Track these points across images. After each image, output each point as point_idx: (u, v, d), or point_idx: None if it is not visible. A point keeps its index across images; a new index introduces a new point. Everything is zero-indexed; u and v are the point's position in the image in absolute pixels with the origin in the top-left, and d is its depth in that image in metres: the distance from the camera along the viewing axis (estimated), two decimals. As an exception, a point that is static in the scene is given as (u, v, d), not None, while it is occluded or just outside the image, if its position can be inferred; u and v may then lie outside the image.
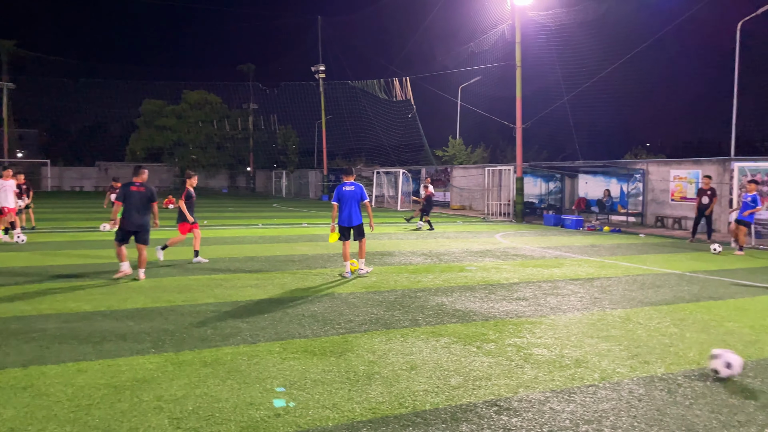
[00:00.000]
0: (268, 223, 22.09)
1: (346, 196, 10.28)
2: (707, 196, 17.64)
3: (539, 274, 11.04)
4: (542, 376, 5.27)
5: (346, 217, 10.30)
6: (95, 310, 7.37)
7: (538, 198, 29.31)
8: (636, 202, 24.34)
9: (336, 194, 10.34)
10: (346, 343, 6.11)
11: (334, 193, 10.37)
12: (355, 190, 10.33)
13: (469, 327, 6.96)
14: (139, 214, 9.54)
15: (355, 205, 10.33)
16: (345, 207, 10.29)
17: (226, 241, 15.61)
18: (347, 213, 10.28)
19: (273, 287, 9.13)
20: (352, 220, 10.30)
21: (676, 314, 7.91)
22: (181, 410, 4.30)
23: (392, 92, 34.41)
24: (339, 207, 10.39)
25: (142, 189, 9.57)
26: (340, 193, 10.30)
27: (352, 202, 10.28)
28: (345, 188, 10.32)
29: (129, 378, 4.96)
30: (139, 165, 10.14)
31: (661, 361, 5.84)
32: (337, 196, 10.32)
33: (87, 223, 20.77)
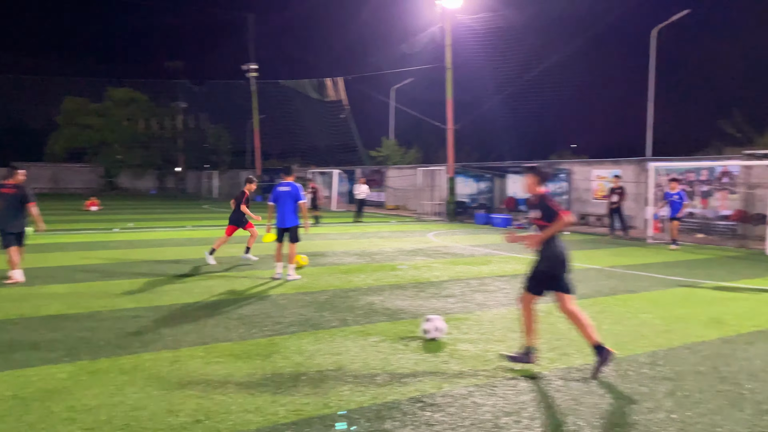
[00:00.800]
0: (198, 224, 21.51)
1: (282, 196, 10.03)
2: (617, 194, 18.55)
3: (468, 272, 11.27)
4: (466, 371, 5.39)
5: (280, 218, 10.09)
6: (5, 318, 6.95)
7: (470, 197, 29.92)
8: (561, 200, 25.26)
9: (272, 194, 10.12)
10: (272, 346, 6.03)
11: (271, 194, 10.15)
12: (290, 191, 10.01)
13: (398, 325, 7.02)
14: (14, 217, 9.16)
15: (290, 205, 10.02)
16: (279, 208, 10.07)
17: (151, 243, 15.08)
18: (281, 214, 10.07)
19: (199, 290, 8.89)
20: (285, 222, 10.04)
21: (594, 307, 8.26)
22: (94, 420, 4.12)
23: (325, 92, 34.27)
24: (275, 208, 10.17)
25: (14, 191, 9.20)
26: (276, 193, 10.08)
27: (287, 202, 10.01)
28: (280, 188, 10.07)
29: (39, 389, 4.70)
30: (14, 166, 9.60)
31: (579, 352, 6.08)
32: (273, 196, 10.10)
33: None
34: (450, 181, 26.63)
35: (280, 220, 10.09)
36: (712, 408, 4.62)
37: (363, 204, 24.72)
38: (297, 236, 10.21)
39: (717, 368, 5.63)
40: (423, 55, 28.75)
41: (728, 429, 4.24)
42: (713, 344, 6.47)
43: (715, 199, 19.52)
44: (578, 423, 4.29)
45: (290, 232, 10.09)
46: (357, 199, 24.62)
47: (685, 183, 20.67)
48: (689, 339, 6.67)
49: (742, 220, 19.04)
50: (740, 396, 4.90)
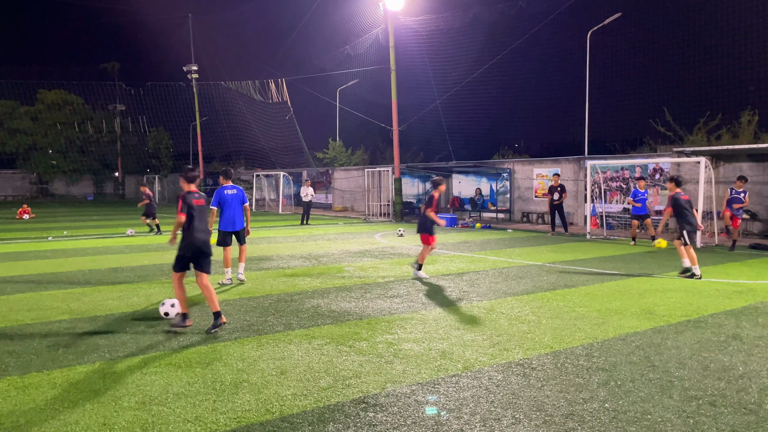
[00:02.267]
0: (138, 231, 20.85)
1: (229, 199, 9.92)
2: (557, 192, 19.14)
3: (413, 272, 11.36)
4: (410, 370, 5.43)
5: (230, 221, 9.98)
6: (-75, 336, 6.55)
7: (416, 198, 30.19)
8: (504, 199, 25.83)
9: (217, 198, 9.90)
10: (214, 353, 5.92)
11: (215, 197, 9.91)
12: (237, 194, 10.05)
13: (343, 327, 7.01)
14: None
15: (239, 208, 10.07)
16: (228, 211, 9.95)
17: (87, 252, 14.53)
18: (231, 217, 9.97)
19: (138, 299, 8.63)
20: (236, 225, 10.04)
21: (534, 303, 8.49)
22: (22, 439, 3.94)
23: (268, 94, 33.88)
24: (220, 211, 10.03)
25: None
26: (222, 197, 9.90)
27: (236, 205, 10.00)
28: (227, 192, 9.92)
29: (-38, 409, 4.46)
30: None
31: (519, 347, 6.24)
32: (218, 200, 9.90)
33: None
34: (396, 182, 26.79)
35: (230, 223, 9.98)
36: (643, 396, 4.82)
37: (310, 206, 24.57)
38: (244, 237, 10.29)
39: (648, 358, 5.88)
40: (367, 56, 28.85)
41: (658, 415, 4.44)
42: (645, 335, 6.76)
43: (649, 195, 20.36)
44: (516, 416, 4.40)
45: (240, 234, 10.19)
46: (303, 202, 24.44)
47: (619, 180, 21.53)
48: (623, 330, 6.94)
49: (674, 215, 19.95)
50: (669, 383, 5.13)
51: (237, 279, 10.21)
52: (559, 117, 29.34)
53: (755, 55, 22.65)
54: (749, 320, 7.43)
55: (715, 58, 24.25)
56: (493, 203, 26.25)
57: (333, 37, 33.26)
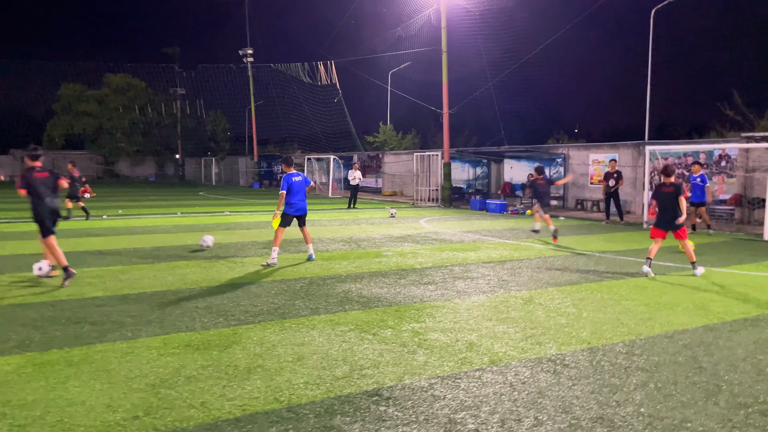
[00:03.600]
0: (188, 211, 21.28)
1: (296, 186, 10.47)
2: (613, 179, 18.24)
3: (454, 258, 11.03)
4: (432, 362, 5.16)
5: (299, 206, 10.49)
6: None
7: (466, 183, 29.62)
8: (558, 185, 24.91)
9: (286, 184, 10.43)
10: (234, 336, 5.81)
11: (284, 182, 10.46)
12: (302, 180, 10.62)
13: (371, 314, 6.79)
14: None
15: (304, 194, 10.63)
16: (296, 197, 10.46)
17: (136, 231, 14.86)
18: (300, 202, 10.51)
19: (173, 278, 8.67)
20: (301, 209, 10.50)
21: (577, 294, 8.02)
22: (26, 416, 3.91)
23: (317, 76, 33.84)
24: (289, 196, 10.40)
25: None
26: (290, 183, 10.43)
27: (302, 191, 10.57)
28: (294, 179, 10.49)
29: (-22, 383, 4.49)
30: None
31: (553, 341, 5.85)
32: (288, 185, 10.41)
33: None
34: (445, 166, 26.30)
35: (299, 207, 10.49)
36: (685, 401, 4.38)
37: (357, 190, 24.45)
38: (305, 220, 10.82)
39: (696, 358, 5.39)
40: (419, 38, 28.31)
41: (699, 424, 4.01)
42: (696, 332, 6.23)
43: (713, 183, 19.19)
44: (539, 417, 4.06)
45: (303, 218, 10.65)
46: (351, 186, 24.35)
47: (682, 167, 20.36)
48: (671, 327, 6.43)
49: (740, 204, 18.73)
50: (717, 388, 4.66)
51: (308, 259, 10.62)
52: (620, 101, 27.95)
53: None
54: (816, 321, 6.75)
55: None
56: (545, 190, 25.37)
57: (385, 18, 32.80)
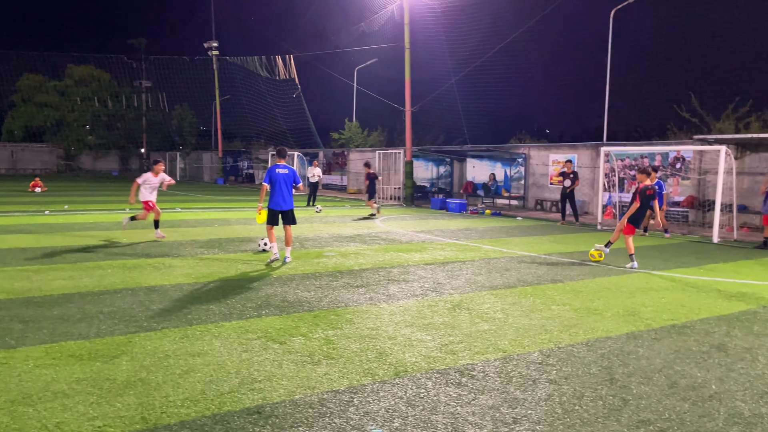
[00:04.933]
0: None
1: (279, 179, 9.88)
2: (569, 179, 18.20)
3: (396, 259, 10.75)
4: (332, 374, 4.84)
5: (278, 200, 9.93)
6: None
7: (430, 182, 29.44)
8: (518, 185, 24.90)
9: (268, 176, 9.92)
10: (127, 345, 5.42)
11: (266, 175, 9.98)
12: (289, 174, 10.01)
13: (286, 320, 6.45)
14: None
15: (288, 188, 10.03)
16: (277, 190, 9.91)
17: (73, 227, 14.25)
18: (279, 196, 9.94)
19: (90, 280, 8.21)
20: (282, 204, 9.97)
21: (510, 298, 7.80)
22: None
23: (275, 71, 33.27)
24: (271, 190, 9.97)
25: None
26: (273, 176, 9.88)
27: (285, 185, 9.97)
28: (278, 170, 9.93)
29: None
30: None
31: (468, 350, 5.59)
32: (269, 177, 9.90)
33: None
34: (407, 164, 26.06)
35: (279, 202, 9.95)
36: (585, 418, 4.15)
37: (316, 187, 24.05)
38: (294, 218, 10.23)
39: (610, 369, 5.18)
40: (383, 34, 28.00)
41: (594, 443, 3.77)
42: (618, 340, 6.04)
43: (668, 185, 19.29)
44: (425, 438, 3.78)
45: (287, 214, 10.07)
46: (310, 183, 23.94)
47: (637, 170, 20.42)
48: (594, 334, 6.23)
49: (694, 207, 18.86)
50: (623, 402, 4.44)
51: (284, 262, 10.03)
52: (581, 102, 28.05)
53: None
54: (743, 328, 6.63)
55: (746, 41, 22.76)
56: (507, 189, 25.35)
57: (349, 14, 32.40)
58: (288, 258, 10.07)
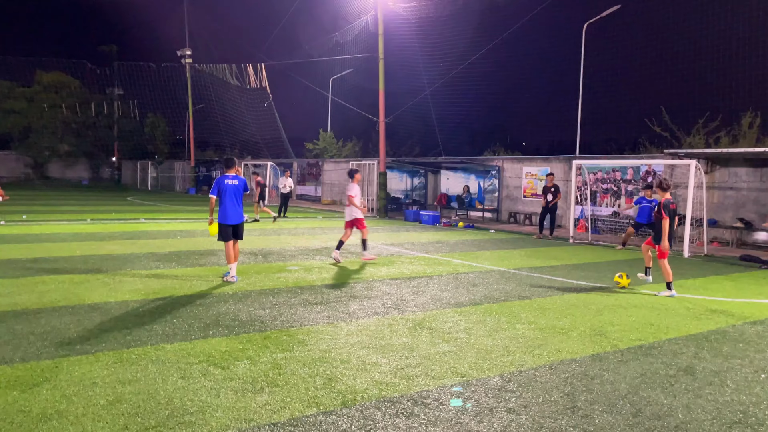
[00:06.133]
0: (100, 218, 19.95)
1: (229, 190, 9.22)
2: (551, 194, 18.08)
3: (361, 274, 10.39)
4: (273, 404, 4.45)
5: (231, 214, 9.26)
6: None
7: (404, 193, 29.18)
8: (492, 198, 24.76)
9: (216, 187, 9.23)
10: (53, 370, 4.96)
11: (214, 186, 9.27)
12: (239, 185, 9.42)
13: (233, 342, 6.04)
14: None
15: (239, 201, 9.38)
16: (229, 203, 9.23)
17: (26, 239, 13.62)
18: (232, 209, 9.27)
19: (29, 296, 7.69)
20: (237, 217, 9.34)
21: (474, 316, 7.48)
22: None
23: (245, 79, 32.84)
24: (220, 201, 9.28)
25: None
26: (222, 187, 9.20)
27: (235, 197, 9.32)
28: (227, 181, 9.26)
29: None
30: None
31: (425, 375, 5.24)
32: (218, 188, 9.22)
33: None
34: (381, 176, 25.77)
35: (231, 215, 9.27)
36: (543, 453, 3.83)
37: (287, 198, 23.60)
38: (242, 233, 9.64)
39: (573, 395, 4.87)
40: (357, 44, 27.78)
41: (551, 484, 3.44)
42: (582, 363, 5.75)
43: (640, 198, 19.26)
44: (365, 481, 3.42)
45: (239, 228, 9.48)
46: (281, 194, 23.49)
47: (610, 182, 20.43)
48: (559, 356, 5.93)
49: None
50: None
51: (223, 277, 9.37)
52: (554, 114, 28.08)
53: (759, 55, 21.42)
54: (712, 349, 6.40)
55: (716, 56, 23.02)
56: (480, 202, 25.19)
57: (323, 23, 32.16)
58: (233, 276, 9.29)
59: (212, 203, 9.36)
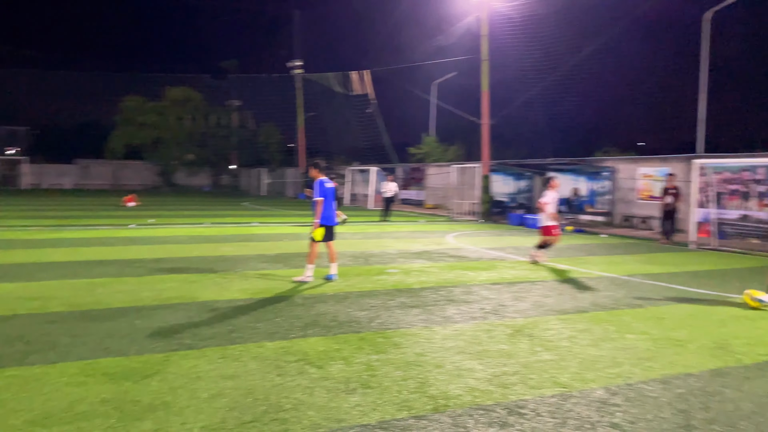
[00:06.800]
0: (218, 221, 21.21)
1: (329, 193, 9.60)
2: (672, 195, 16.88)
3: (461, 278, 10.22)
4: (364, 405, 4.45)
5: (331, 215, 9.67)
6: None
7: (509, 197, 28.48)
8: (604, 200, 23.54)
9: (321, 190, 9.50)
10: (164, 363, 5.28)
11: (319, 189, 9.48)
12: (334, 188, 9.78)
13: (330, 342, 6.13)
14: None
15: (333, 203, 9.75)
16: (331, 205, 9.64)
17: (151, 241, 14.74)
18: (332, 211, 9.69)
19: (149, 293, 8.28)
20: (334, 219, 9.78)
21: (580, 324, 7.09)
22: None
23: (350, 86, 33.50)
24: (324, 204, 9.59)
25: None
26: (325, 190, 9.52)
27: (333, 199, 9.71)
28: (327, 185, 9.59)
29: None
30: None
31: (522, 383, 5.02)
32: (323, 192, 9.50)
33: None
34: (484, 179, 25.36)
35: (331, 217, 9.70)
36: (650, 474, 3.51)
37: (390, 202, 23.83)
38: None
39: (688, 413, 4.45)
40: (460, 47, 27.55)
41: None
42: (701, 378, 5.25)
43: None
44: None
45: (334, 229, 9.85)
46: (384, 198, 23.75)
47: (738, 183, 18.69)
48: (674, 369, 5.46)
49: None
50: (699, 457, 3.75)
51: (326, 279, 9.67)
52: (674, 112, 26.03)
53: None
54: None
55: None
56: (591, 204, 24.02)
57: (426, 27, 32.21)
58: (334, 275, 9.68)
59: (320, 206, 9.45)
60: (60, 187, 59.33)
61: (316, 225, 9.62)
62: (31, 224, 18.36)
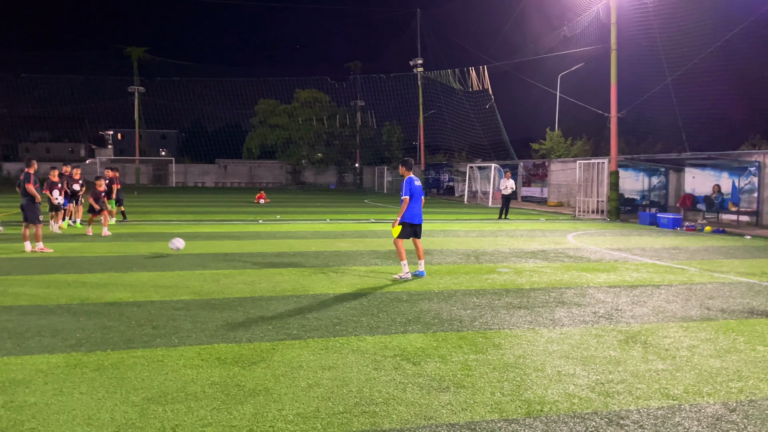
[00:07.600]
0: (337, 218, 21.99)
1: (417, 191, 9.78)
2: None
3: (576, 279, 9.78)
4: (455, 405, 4.42)
5: (418, 213, 9.82)
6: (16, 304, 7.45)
7: (640, 194, 26.72)
8: (750, 199, 21.32)
9: (409, 189, 9.68)
10: (270, 351, 5.60)
11: (407, 188, 9.66)
12: (420, 185, 9.90)
13: (429, 339, 6.15)
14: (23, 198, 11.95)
15: (421, 201, 9.88)
16: (417, 202, 9.79)
17: (275, 235, 15.62)
18: (419, 209, 9.85)
19: (267, 285, 8.80)
20: (421, 217, 9.91)
21: (703, 333, 6.52)
22: (9, 419, 4.04)
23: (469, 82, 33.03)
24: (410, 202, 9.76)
25: (21, 176, 12.04)
26: (413, 188, 9.71)
27: (420, 197, 9.85)
28: (416, 183, 9.77)
29: (6, 379, 4.81)
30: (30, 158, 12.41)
31: (628, 393, 4.72)
32: (410, 190, 9.68)
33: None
34: (612, 175, 23.96)
35: (418, 215, 9.81)
36: (763, 504, 3.16)
37: (509, 200, 23.30)
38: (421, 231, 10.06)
39: (822, 440, 3.94)
40: (585, 37, 26.25)
41: None
42: (844, 401, 4.61)
43: None
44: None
45: (420, 228, 9.91)
46: (503, 195, 23.28)
47: None
48: (811, 390, 4.85)
49: None
50: (829, 489, 3.31)
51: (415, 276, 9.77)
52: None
53: None
54: None
55: None
56: (735, 203, 21.86)
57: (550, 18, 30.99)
58: (422, 272, 9.76)
59: (406, 204, 9.54)
60: (202, 184, 64.64)
61: (396, 222, 9.65)
62: (174, 219, 20.20)
